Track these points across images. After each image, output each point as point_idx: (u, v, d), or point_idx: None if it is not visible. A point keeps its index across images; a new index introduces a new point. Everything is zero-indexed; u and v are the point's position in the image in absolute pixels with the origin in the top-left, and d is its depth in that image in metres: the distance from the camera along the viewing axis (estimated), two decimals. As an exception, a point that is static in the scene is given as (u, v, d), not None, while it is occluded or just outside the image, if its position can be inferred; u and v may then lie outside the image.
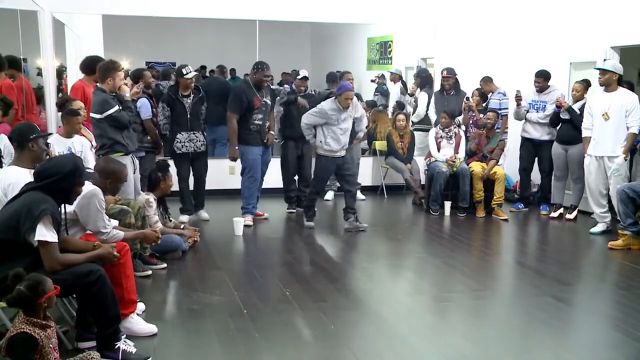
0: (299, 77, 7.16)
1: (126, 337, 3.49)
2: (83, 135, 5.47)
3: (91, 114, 5.38)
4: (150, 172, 5.67)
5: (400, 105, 9.26)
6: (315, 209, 6.76)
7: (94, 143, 5.55)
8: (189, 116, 6.45)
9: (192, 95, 6.48)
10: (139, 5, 7.59)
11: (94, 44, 7.97)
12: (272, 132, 7.06)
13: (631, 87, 6.96)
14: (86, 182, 3.55)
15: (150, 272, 4.93)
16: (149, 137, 6.44)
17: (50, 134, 4.75)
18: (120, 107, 5.36)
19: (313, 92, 7.27)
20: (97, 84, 5.47)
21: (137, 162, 5.71)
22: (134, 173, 5.55)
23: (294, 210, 7.33)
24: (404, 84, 9.66)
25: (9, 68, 6.37)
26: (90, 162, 5.04)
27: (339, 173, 6.67)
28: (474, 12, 8.62)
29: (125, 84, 5.76)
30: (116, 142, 5.34)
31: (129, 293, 3.74)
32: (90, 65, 6.25)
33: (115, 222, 4.18)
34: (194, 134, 6.53)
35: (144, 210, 5.06)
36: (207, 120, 6.81)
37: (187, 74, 6.35)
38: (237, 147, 6.61)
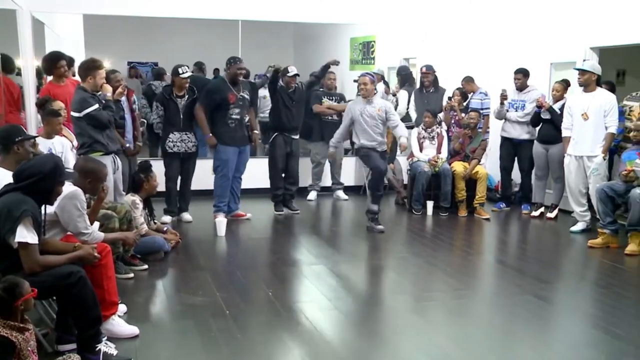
0: (289, 74, 7.03)
1: (107, 339, 3.46)
2: (64, 135, 5.42)
3: (71, 113, 5.33)
4: (134, 174, 5.64)
5: (383, 105, 9.25)
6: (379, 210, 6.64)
7: (75, 143, 5.49)
8: (181, 116, 6.46)
9: (187, 96, 6.50)
10: (121, 5, 7.52)
11: (75, 43, 7.90)
12: (256, 132, 7.03)
13: (612, 88, 7.04)
14: (67, 183, 3.52)
15: (132, 274, 4.89)
16: None
17: (37, 136, 4.69)
18: (101, 106, 5.32)
19: (299, 84, 7.23)
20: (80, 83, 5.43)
21: (118, 162, 5.65)
22: (114, 173, 5.50)
23: (282, 212, 7.27)
24: (387, 84, 9.68)
25: None
26: (70, 162, 4.97)
27: None
28: (455, 13, 8.67)
29: (107, 83, 5.71)
30: (96, 141, 5.30)
31: (110, 294, 3.71)
32: (48, 63, 6.17)
33: (96, 225, 4.13)
34: (185, 134, 6.52)
35: (131, 212, 5.02)
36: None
37: (183, 73, 6.35)
38: (211, 135, 6.56)
